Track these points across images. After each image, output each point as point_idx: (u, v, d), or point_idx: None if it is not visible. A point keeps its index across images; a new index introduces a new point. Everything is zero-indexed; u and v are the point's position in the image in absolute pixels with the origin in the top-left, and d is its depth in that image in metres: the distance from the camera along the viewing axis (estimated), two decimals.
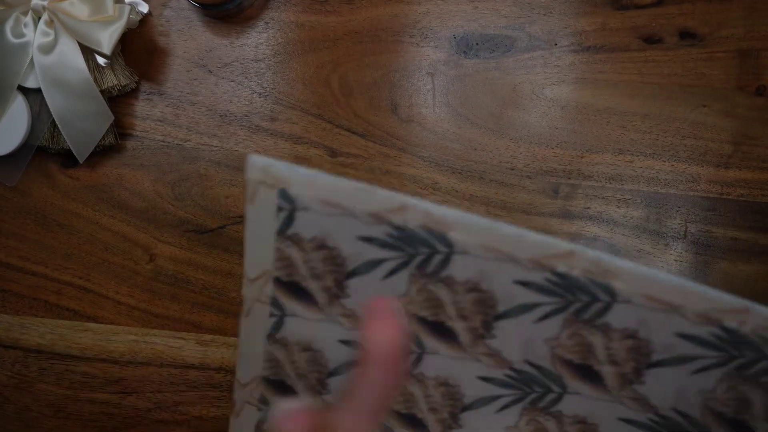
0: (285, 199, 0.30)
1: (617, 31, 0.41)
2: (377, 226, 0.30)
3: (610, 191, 0.42)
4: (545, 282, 0.32)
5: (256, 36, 0.43)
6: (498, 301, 0.32)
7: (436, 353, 0.34)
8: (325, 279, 0.33)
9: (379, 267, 0.32)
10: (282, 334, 0.34)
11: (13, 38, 0.39)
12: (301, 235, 0.31)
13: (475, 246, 0.31)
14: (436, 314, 0.33)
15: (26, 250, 0.44)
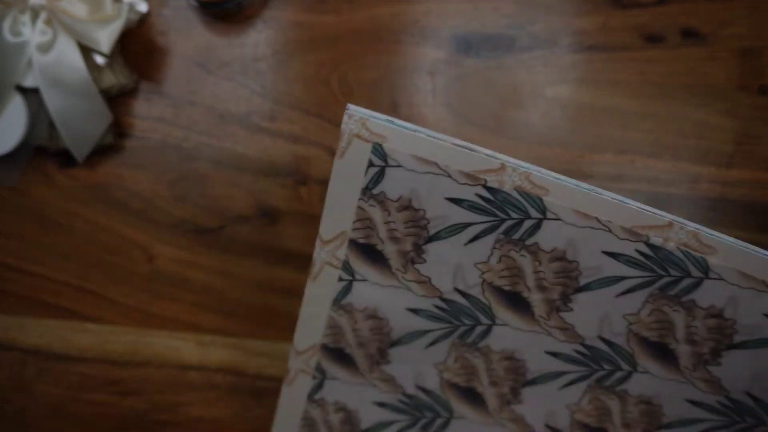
0: (378, 155, 0.29)
1: (618, 31, 0.40)
2: (469, 187, 0.30)
3: (611, 191, 0.42)
4: (636, 254, 0.31)
5: (256, 35, 0.42)
6: (581, 273, 0.31)
7: (506, 325, 0.33)
8: (404, 243, 0.32)
9: (462, 232, 0.31)
10: (348, 300, 0.34)
11: (11, 37, 0.39)
12: (387, 195, 0.30)
13: (569, 212, 0.30)
14: (514, 284, 0.32)
15: (24, 250, 0.44)
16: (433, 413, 0.36)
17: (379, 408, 0.36)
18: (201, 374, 0.44)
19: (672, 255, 0.30)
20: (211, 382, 0.44)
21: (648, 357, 0.33)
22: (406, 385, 0.36)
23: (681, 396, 0.34)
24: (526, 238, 0.31)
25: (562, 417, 0.35)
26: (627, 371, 0.34)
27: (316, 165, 0.42)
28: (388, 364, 0.35)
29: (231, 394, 0.44)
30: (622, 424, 0.35)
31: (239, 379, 0.44)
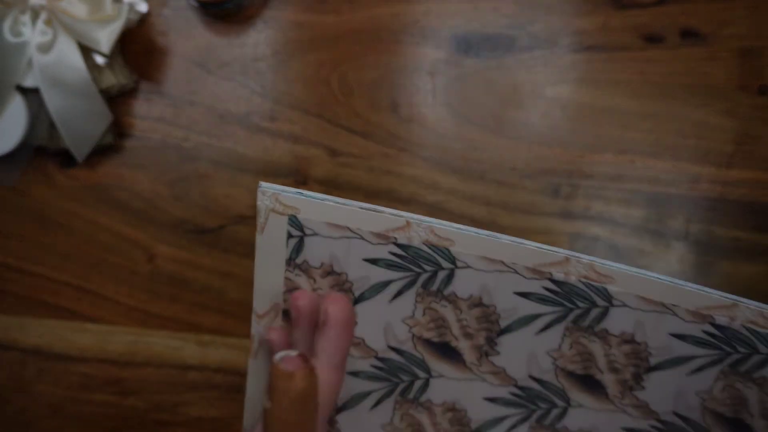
0: (295, 225, 0.31)
1: (618, 31, 0.40)
2: (382, 246, 0.31)
3: (611, 191, 0.42)
4: (543, 291, 0.32)
5: (256, 35, 0.42)
6: (500, 316, 0.32)
7: (441, 376, 0.34)
8: None
9: (386, 290, 0.32)
10: None
11: (11, 37, 0.39)
12: (310, 263, 0.32)
13: (476, 259, 0.31)
14: (441, 335, 0.33)
15: (25, 250, 0.44)
16: None
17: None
18: (201, 374, 0.44)
19: (575, 287, 0.31)
20: (211, 382, 0.44)
21: (579, 390, 0.34)
22: None
23: (617, 425, 0.34)
24: (443, 288, 0.32)
25: None
26: (562, 407, 0.34)
27: (316, 165, 0.42)
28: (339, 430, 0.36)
29: (231, 394, 0.44)
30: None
31: (239, 379, 0.44)
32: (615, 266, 0.31)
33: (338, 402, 0.35)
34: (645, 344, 0.32)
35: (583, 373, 0.33)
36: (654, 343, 0.32)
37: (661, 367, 0.33)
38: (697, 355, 0.32)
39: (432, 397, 0.35)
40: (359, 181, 0.42)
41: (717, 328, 0.31)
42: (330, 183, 0.42)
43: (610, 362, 0.33)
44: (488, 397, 0.35)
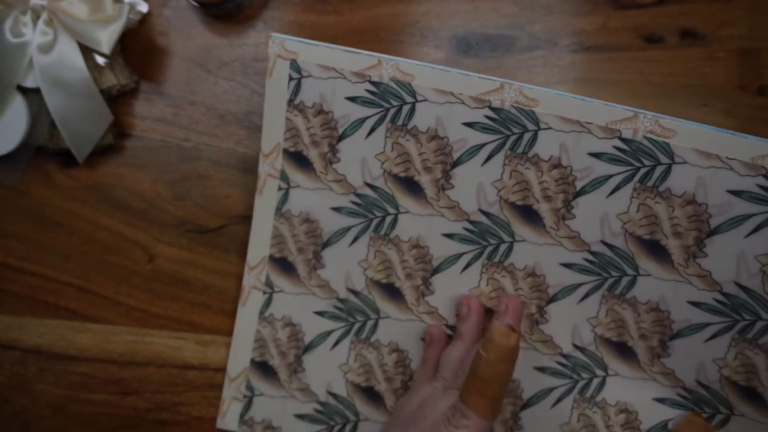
0: (295, 69, 0.37)
1: (618, 31, 0.41)
2: (360, 84, 0.37)
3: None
4: (485, 119, 0.36)
5: (256, 35, 0.42)
6: (452, 148, 0.37)
7: (408, 212, 0.38)
8: (322, 145, 0.39)
9: (362, 126, 0.38)
10: (287, 207, 0.40)
11: (12, 38, 0.39)
12: (305, 103, 0.38)
13: (432, 91, 0.36)
14: (407, 169, 0.38)
15: (25, 250, 0.44)
16: (363, 316, 0.40)
17: (319, 318, 0.40)
18: (201, 374, 0.44)
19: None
20: (211, 382, 0.44)
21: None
22: (339, 290, 0.40)
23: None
24: (406, 122, 0.37)
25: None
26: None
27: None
28: (323, 267, 0.40)
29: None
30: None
31: None
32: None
33: (324, 237, 0.40)
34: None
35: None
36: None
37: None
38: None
39: (400, 234, 0.39)
40: None
41: (624, 141, 0.35)
42: None
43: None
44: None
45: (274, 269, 0.40)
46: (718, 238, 0.34)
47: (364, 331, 0.40)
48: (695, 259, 0.35)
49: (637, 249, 0.36)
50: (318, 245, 0.39)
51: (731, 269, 0.35)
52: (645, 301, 0.36)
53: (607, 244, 0.36)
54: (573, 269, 0.37)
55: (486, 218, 0.37)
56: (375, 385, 0.41)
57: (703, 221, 0.34)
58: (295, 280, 0.40)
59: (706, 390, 0.37)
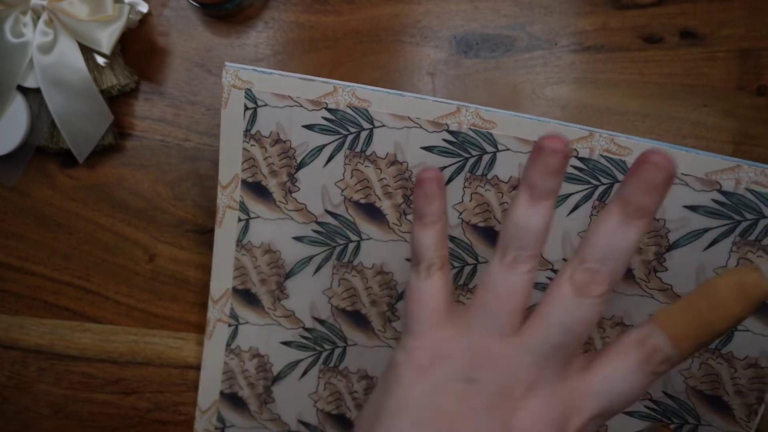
0: (250, 98, 0.37)
1: (618, 31, 0.41)
2: (316, 112, 0.37)
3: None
4: (443, 143, 0.36)
5: (256, 36, 0.42)
6: (412, 173, 0.37)
7: (370, 239, 0.38)
8: (281, 175, 0.38)
9: (320, 154, 0.37)
10: (248, 239, 0.39)
11: (12, 38, 0.39)
12: (262, 132, 0.37)
13: (388, 117, 0.36)
14: (367, 195, 0.38)
15: (25, 250, 0.44)
16: (331, 345, 0.40)
17: (286, 348, 0.40)
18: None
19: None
20: None
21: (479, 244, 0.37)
22: (305, 319, 0.40)
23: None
24: (365, 148, 0.37)
25: None
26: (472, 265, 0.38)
27: None
28: (287, 298, 0.40)
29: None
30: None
31: None
32: (497, 111, 0.36)
33: (286, 268, 0.39)
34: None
35: (485, 225, 0.37)
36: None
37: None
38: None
39: (363, 261, 0.39)
40: None
41: (581, 160, 0.35)
42: None
43: (505, 210, 0.36)
44: (409, 257, 0.38)
45: (238, 301, 0.40)
46: (677, 252, 0.35)
47: (332, 359, 0.40)
48: (656, 274, 0.36)
49: None
50: (281, 276, 0.39)
51: (691, 282, 0.35)
52: (609, 316, 0.37)
53: None
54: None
55: (451, 243, 0.38)
56: (346, 413, 0.41)
57: (662, 236, 0.35)
58: (260, 312, 0.40)
59: (673, 401, 0.37)
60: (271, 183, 0.38)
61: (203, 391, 0.42)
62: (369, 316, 0.39)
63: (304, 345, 0.40)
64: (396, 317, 0.39)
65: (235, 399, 0.41)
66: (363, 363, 0.40)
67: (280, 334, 0.40)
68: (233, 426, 0.42)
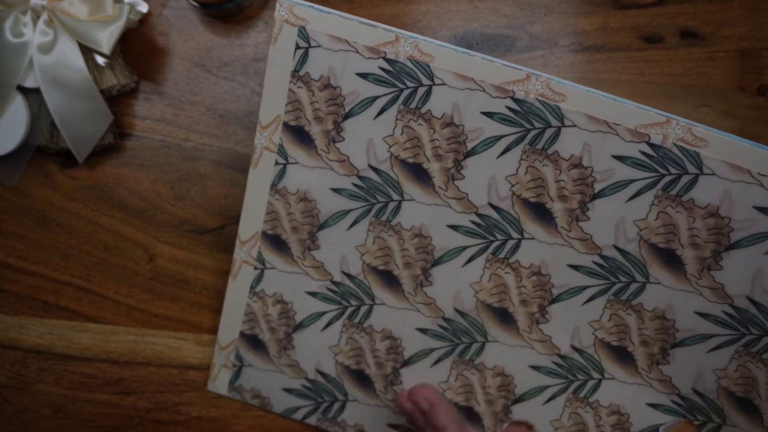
0: (303, 36, 0.35)
1: (618, 31, 0.41)
2: (373, 60, 0.35)
3: None
4: (506, 110, 0.34)
5: (256, 36, 0.42)
6: (467, 137, 0.35)
7: (412, 200, 0.37)
8: (326, 122, 0.36)
9: (371, 106, 0.35)
10: (283, 184, 0.38)
11: (12, 38, 0.39)
12: (311, 75, 0.35)
13: (451, 75, 0.34)
14: (416, 155, 0.36)
15: (25, 250, 0.44)
16: (357, 301, 0.39)
17: (311, 298, 0.39)
18: (201, 374, 0.44)
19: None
20: None
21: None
22: (334, 272, 0.39)
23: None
24: (420, 106, 0.35)
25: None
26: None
27: None
28: (318, 249, 0.39)
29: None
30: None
31: None
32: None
33: (320, 218, 0.38)
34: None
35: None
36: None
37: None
38: (635, 179, 0.34)
39: (402, 221, 0.37)
40: None
41: (652, 147, 0.34)
42: None
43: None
44: (450, 224, 0.37)
45: (266, 246, 0.39)
46: (736, 253, 0.34)
47: (357, 315, 0.39)
48: (709, 272, 0.35)
49: (650, 256, 0.35)
50: (314, 226, 0.38)
51: (746, 284, 0.34)
52: (651, 308, 0.36)
53: (619, 249, 0.35)
54: (581, 271, 0.36)
55: (495, 213, 0.36)
56: (365, 369, 0.40)
57: (723, 234, 0.34)
58: (288, 259, 0.39)
59: (702, 398, 0.37)
60: (315, 129, 0.36)
61: (224, 329, 0.41)
62: (401, 278, 0.38)
63: (330, 298, 0.39)
64: (429, 282, 0.38)
65: (255, 341, 0.41)
66: (389, 323, 0.39)
67: (307, 284, 0.39)
68: (251, 366, 0.41)
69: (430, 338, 0.39)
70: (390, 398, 0.40)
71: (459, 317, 0.38)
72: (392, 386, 0.40)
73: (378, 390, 0.40)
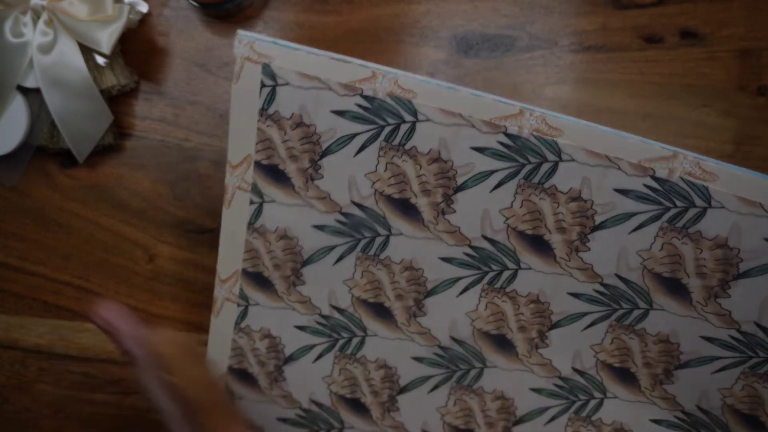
0: (268, 74, 0.32)
1: (618, 31, 0.41)
2: (349, 97, 0.32)
3: None
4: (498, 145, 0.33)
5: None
6: (457, 172, 0.33)
7: (401, 234, 0.35)
8: (302, 160, 0.34)
9: (350, 143, 0.33)
10: (261, 222, 0.36)
11: (12, 38, 0.39)
12: (281, 113, 0.33)
13: (436, 111, 0.32)
14: (402, 191, 0.34)
15: (25, 250, 0.44)
16: (349, 333, 0.38)
17: (300, 332, 0.38)
18: None
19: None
20: None
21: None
22: (322, 306, 0.37)
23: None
24: (404, 142, 0.33)
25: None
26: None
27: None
28: (303, 285, 0.37)
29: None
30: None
31: None
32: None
33: (304, 255, 0.36)
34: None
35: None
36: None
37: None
38: (639, 212, 0.33)
39: (391, 255, 0.36)
40: None
41: (657, 181, 0.32)
42: None
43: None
44: (443, 256, 0.35)
45: (248, 283, 0.37)
46: (745, 282, 0.33)
47: (349, 347, 0.38)
48: (716, 299, 0.33)
49: (653, 285, 0.34)
50: (297, 262, 0.36)
51: (754, 311, 0.33)
52: (655, 333, 0.35)
53: (621, 277, 0.34)
54: (581, 299, 0.35)
55: (490, 245, 0.35)
56: (361, 398, 0.39)
57: (732, 265, 0.33)
58: (273, 296, 0.37)
59: (706, 414, 0.36)
60: (290, 167, 0.34)
61: (210, 365, 0.39)
62: (393, 310, 0.37)
63: (319, 331, 0.38)
64: (422, 313, 0.36)
65: (245, 374, 0.39)
66: (383, 353, 0.37)
67: (294, 319, 0.38)
68: (242, 399, 0.40)
69: (427, 366, 0.38)
70: (388, 424, 0.39)
71: (455, 345, 0.37)
72: (389, 413, 0.39)
73: (375, 417, 0.39)
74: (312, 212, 0.35)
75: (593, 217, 0.33)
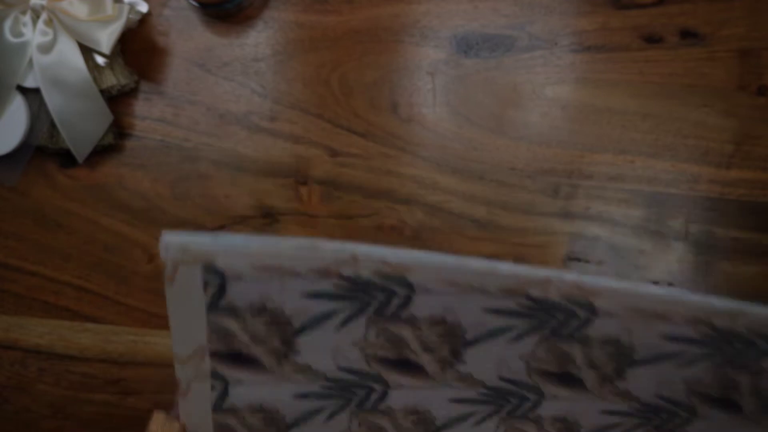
0: (211, 273, 0.26)
1: (618, 31, 0.41)
2: (324, 280, 0.26)
3: (611, 191, 0.42)
4: (518, 307, 0.30)
5: (256, 35, 0.42)
6: (466, 330, 0.29)
7: (401, 387, 0.31)
8: (270, 341, 0.29)
9: (330, 319, 0.28)
10: (231, 402, 0.31)
11: (12, 38, 0.39)
12: (237, 305, 0.27)
13: (438, 282, 0.27)
14: (399, 352, 0.30)
15: (25, 251, 0.44)
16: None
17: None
18: None
19: (556, 302, 0.28)
20: None
21: (554, 385, 0.32)
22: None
23: (595, 409, 0.34)
24: (399, 312, 0.29)
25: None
26: (535, 400, 0.33)
27: (316, 165, 0.43)
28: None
29: None
30: None
31: None
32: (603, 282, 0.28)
33: (288, 421, 0.32)
34: (631, 343, 0.31)
35: (560, 371, 0.32)
36: (641, 342, 0.31)
37: (646, 362, 0.32)
38: (685, 352, 0.31)
39: (392, 404, 0.32)
40: (359, 181, 0.42)
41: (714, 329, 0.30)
42: (330, 183, 0.43)
43: (590, 360, 0.32)
44: (455, 398, 0.32)
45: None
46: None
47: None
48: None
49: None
50: (281, 429, 0.32)
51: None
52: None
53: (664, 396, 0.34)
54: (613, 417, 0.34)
55: (510, 384, 0.32)
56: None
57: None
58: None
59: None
60: (258, 350, 0.29)
61: None
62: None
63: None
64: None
65: None
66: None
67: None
68: None
69: None
70: None
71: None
72: None
73: None
74: (290, 385, 0.31)
75: (631, 354, 0.31)
